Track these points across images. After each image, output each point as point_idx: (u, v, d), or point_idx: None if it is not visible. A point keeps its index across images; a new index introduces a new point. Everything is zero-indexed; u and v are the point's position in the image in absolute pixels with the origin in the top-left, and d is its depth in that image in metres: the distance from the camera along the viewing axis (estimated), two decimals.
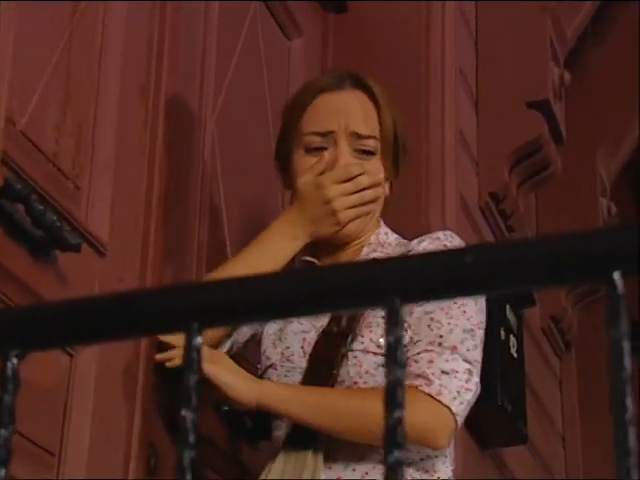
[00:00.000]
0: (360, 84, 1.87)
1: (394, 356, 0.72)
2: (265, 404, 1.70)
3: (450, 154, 2.75)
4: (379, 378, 1.69)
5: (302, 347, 1.79)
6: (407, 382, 1.64)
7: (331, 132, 1.81)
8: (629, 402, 0.66)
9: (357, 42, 2.83)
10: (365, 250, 1.85)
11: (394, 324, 0.73)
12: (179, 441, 0.71)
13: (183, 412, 0.72)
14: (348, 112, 1.82)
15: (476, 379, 1.68)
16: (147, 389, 1.91)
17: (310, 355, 1.77)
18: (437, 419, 1.65)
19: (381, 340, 1.72)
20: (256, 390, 1.70)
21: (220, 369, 1.70)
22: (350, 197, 1.76)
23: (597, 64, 3.91)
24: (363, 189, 1.78)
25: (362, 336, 1.74)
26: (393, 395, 0.69)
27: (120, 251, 1.84)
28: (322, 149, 1.80)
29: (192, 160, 2.11)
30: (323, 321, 1.80)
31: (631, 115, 3.97)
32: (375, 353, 1.71)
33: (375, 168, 1.81)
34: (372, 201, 1.81)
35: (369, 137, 1.82)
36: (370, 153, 1.82)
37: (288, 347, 1.79)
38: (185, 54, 2.14)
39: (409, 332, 1.70)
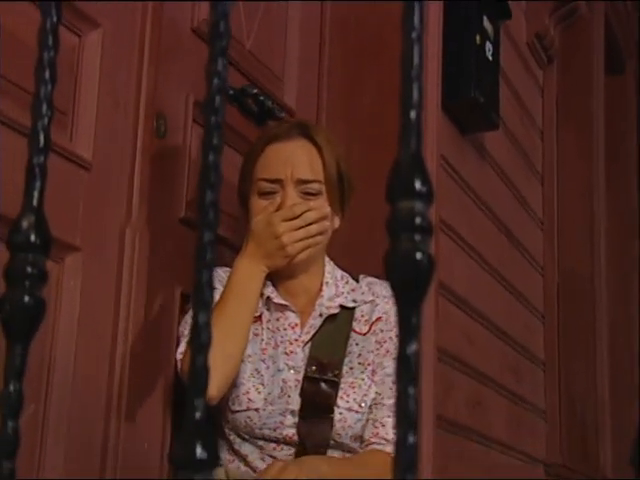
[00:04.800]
0: (305, 133, 1.69)
1: None
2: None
3: None
4: (356, 430, 1.65)
5: (281, 389, 1.65)
6: (378, 445, 1.64)
7: (280, 180, 1.65)
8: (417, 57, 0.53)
9: None
10: (326, 291, 1.72)
11: None
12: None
13: None
14: (294, 161, 1.66)
15: None
16: (154, 55, 1.77)
17: (302, 405, 1.64)
18: None
19: (362, 404, 1.66)
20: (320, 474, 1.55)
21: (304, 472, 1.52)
22: (297, 232, 1.61)
23: None
24: (310, 224, 1.62)
25: (347, 395, 1.65)
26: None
27: None
28: (273, 193, 1.65)
29: None
30: (295, 360, 1.66)
31: None
32: (357, 411, 1.66)
33: (320, 205, 1.65)
34: (320, 233, 1.65)
35: (313, 181, 1.66)
36: (315, 194, 1.66)
37: (270, 393, 1.65)
38: None
39: (374, 390, 1.67)
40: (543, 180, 3.58)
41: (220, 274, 1.68)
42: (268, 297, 1.68)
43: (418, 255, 0.52)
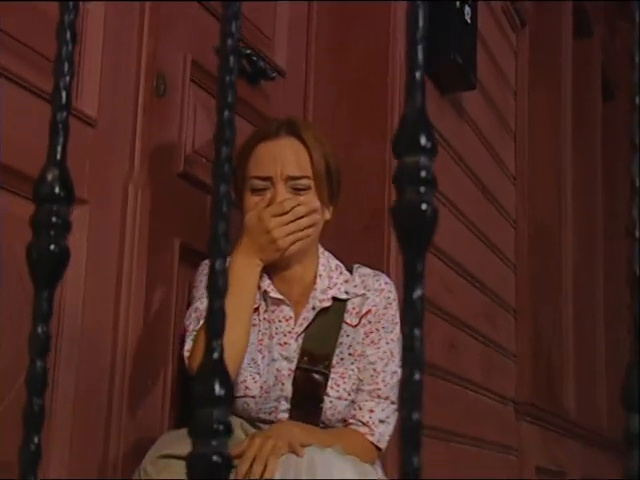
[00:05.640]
0: (293, 131, 1.65)
1: None
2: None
3: None
4: (345, 414, 1.66)
5: (276, 377, 1.64)
6: (355, 426, 1.65)
7: (270, 177, 1.62)
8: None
9: None
10: (319, 283, 1.68)
11: None
12: None
13: None
14: (283, 159, 1.62)
15: None
16: (155, 18, 1.74)
17: (293, 393, 1.64)
18: (373, 457, 1.66)
19: (351, 393, 1.66)
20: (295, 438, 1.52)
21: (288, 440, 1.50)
22: (287, 226, 1.58)
23: None
24: (299, 218, 1.59)
25: (337, 385, 1.65)
26: None
27: None
28: (264, 190, 1.62)
29: None
30: (288, 351, 1.65)
31: None
32: (346, 399, 1.66)
33: (309, 200, 1.62)
34: (310, 226, 1.61)
35: (302, 177, 1.63)
36: (304, 189, 1.63)
37: (265, 381, 1.63)
38: None
39: (357, 376, 1.66)
40: (516, 138, 3.58)
41: None
42: (265, 291, 1.67)
43: (423, 206, 0.52)
